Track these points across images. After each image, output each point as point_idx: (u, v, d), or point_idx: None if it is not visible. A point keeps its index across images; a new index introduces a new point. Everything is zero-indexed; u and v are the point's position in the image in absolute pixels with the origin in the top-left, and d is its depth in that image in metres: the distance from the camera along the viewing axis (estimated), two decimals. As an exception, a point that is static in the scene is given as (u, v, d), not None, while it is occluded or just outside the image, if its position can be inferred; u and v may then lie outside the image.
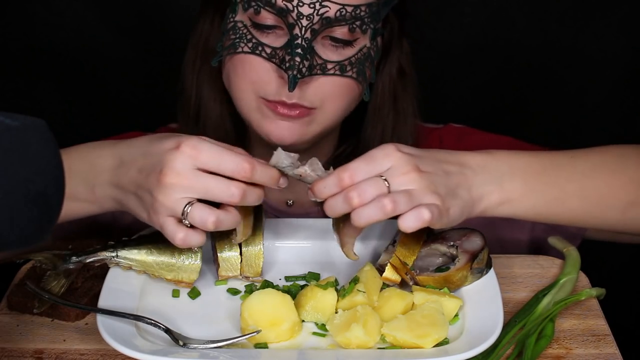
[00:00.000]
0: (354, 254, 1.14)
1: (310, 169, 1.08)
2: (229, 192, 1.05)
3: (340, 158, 1.37)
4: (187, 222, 1.05)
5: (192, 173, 1.04)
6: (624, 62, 1.97)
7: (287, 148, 1.26)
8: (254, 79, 1.23)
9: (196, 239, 1.07)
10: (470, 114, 1.96)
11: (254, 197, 1.08)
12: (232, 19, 1.24)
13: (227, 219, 1.07)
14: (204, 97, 1.34)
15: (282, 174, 1.09)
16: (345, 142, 1.41)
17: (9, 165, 0.72)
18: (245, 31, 1.23)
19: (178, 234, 1.06)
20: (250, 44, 1.22)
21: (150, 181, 1.06)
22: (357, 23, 1.21)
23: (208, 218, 1.05)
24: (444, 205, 1.06)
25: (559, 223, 1.20)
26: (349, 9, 1.20)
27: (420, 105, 1.38)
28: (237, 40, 1.23)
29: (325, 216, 1.37)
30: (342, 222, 1.11)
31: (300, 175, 1.08)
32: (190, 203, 1.04)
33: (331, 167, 1.08)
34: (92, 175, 1.12)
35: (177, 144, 1.05)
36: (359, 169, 1.05)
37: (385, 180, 1.05)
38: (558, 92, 2.03)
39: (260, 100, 1.25)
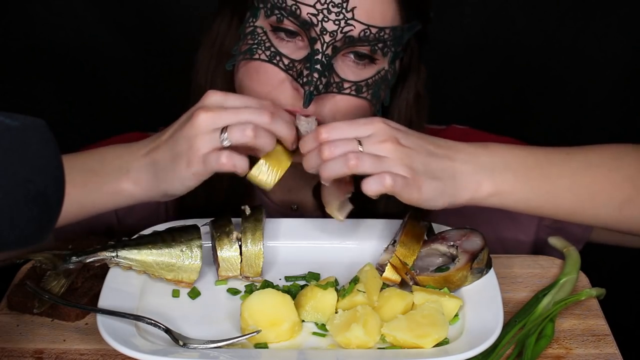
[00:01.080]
0: (339, 214, 1.16)
1: (308, 127, 1.13)
2: (261, 117, 1.09)
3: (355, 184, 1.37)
4: (227, 142, 1.08)
5: (221, 107, 1.09)
6: (624, 62, 1.97)
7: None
8: (268, 88, 1.21)
9: (240, 160, 1.08)
10: (471, 114, 1.96)
11: (281, 124, 1.11)
12: (252, 24, 1.21)
13: (264, 136, 1.09)
14: None
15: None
16: None
17: (9, 165, 0.72)
18: (264, 37, 1.20)
19: (222, 157, 1.07)
20: (268, 52, 1.19)
21: (183, 130, 1.09)
22: (380, 45, 1.19)
23: (246, 128, 1.07)
24: (414, 180, 1.08)
25: (551, 217, 1.21)
26: (374, 30, 1.17)
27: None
28: (255, 46, 1.20)
29: (326, 216, 1.38)
30: (323, 185, 1.13)
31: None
32: (225, 129, 1.08)
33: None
34: (126, 164, 1.14)
35: (203, 96, 1.11)
36: (338, 128, 1.09)
37: (360, 144, 1.07)
38: (558, 92, 2.03)
39: None
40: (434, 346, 1.06)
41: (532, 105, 2.05)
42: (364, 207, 1.19)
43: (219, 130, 1.08)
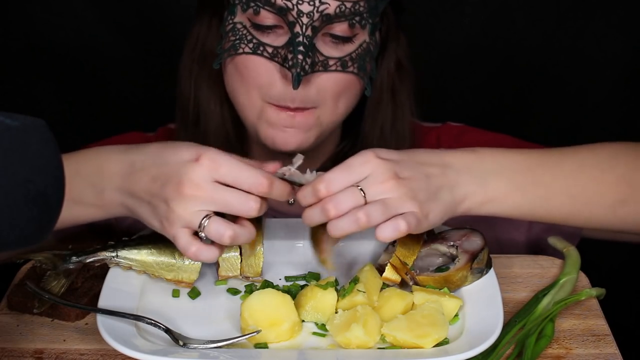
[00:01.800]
0: (332, 263, 1.15)
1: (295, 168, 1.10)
2: (248, 205, 1.05)
3: (340, 156, 1.38)
4: (203, 235, 1.05)
5: (211, 186, 1.04)
6: (624, 62, 1.97)
7: (290, 151, 1.26)
8: (257, 81, 1.23)
9: (208, 253, 1.07)
10: (470, 113, 1.96)
11: (264, 209, 1.08)
12: (231, 21, 1.23)
13: (244, 234, 1.07)
14: (203, 102, 1.33)
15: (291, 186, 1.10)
16: (345, 139, 1.41)
17: (9, 165, 0.72)
18: (245, 32, 1.22)
19: (191, 247, 1.06)
20: (251, 45, 1.22)
21: (166, 191, 1.05)
22: (357, 18, 1.21)
23: (225, 232, 1.05)
24: (422, 211, 1.07)
25: (546, 221, 1.20)
26: (348, 4, 1.20)
27: (418, 101, 1.38)
28: (238, 41, 1.22)
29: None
30: (320, 231, 1.12)
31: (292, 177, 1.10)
32: (207, 216, 1.04)
33: (314, 172, 1.09)
34: (100, 180, 1.12)
35: (197, 155, 1.05)
36: (335, 180, 1.06)
37: (362, 190, 1.06)
38: (558, 92, 2.03)
39: (264, 105, 1.24)
40: (434, 346, 1.06)
41: (532, 105, 2.05)
42: None
43: (200, 216, 1.04)
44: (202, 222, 1.04)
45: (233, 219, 1.08)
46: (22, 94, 2.03)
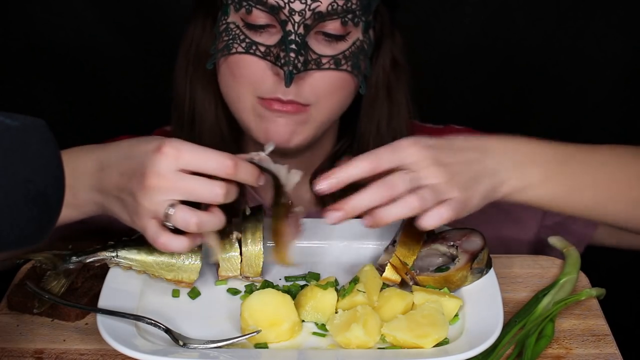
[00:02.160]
0: (290, 258, 1.16)
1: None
2: (213, 191, 1.04)
3: (337, 155, 1.38)
4: (170, 224, 1.05)
5: (175, 174, 1.04)
6: (624, 62, 1.97)
7: (288, 150, 1.27)
8: (250, 78, 1.23)
9: (178, 243, 1.06)
10: (470, 114, 1.96)
11: (233, 195, 1.07)
12: (224, 21, 1.24)
13: (211, 221, 1.06)
14: (198, 102, 1.33)
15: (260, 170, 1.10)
16: (342, 138, 1.41)
17: (9, 165, 0.72)
18: (238, 32, 1.23)
19: (160, 238, 1.05)
20: (243, 44, 1.22)
21: (132, 184, 1.05)
22: (349, 16, 1.21)
23: (190, 219, 1.04)
24: (465, 196, 1.07)
25: (570, 213, 1.20)
26: (340, 2, 1.20)
27: (417, 101, 1.38)
28: (231, 41, 1.23)
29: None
30: (281, 225, 1.13)
31: (271, 170, 1.10)
32: (172, 205, 1.04)
33: (299, 171, 1.11)
34: (74, 180, 1.11)
35: (159, 146, 1.05)
36: (382, 157, 1.06)
37: (410, 174, 1.06)
38: (558, 92, 2.03)
39: (256, 100, 1.25)
40: (434, 346, 1.06)
41: (532, 105, 2.05)
42: None
43: (165, 205, 1.04)
44: (167, 211, 1.04)
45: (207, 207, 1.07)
46: (22, 94, 2.03)
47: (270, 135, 1.25)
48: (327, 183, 1.06)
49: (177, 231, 1.07)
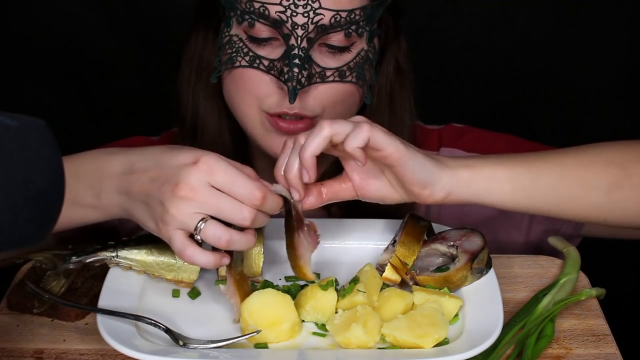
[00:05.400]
0: (310, 272, 1.15)
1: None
2: (242, 214, 1.05)
3: (340, 163, 1.37)
4: (198, 237, 1.05)
5: (207, 190, 1.04)
6: (624, 62, 1.98)
7: None
8: (254, 92, 1.22)
9: (204, 258, 1.06)
10: (470, 113, 1.96)
11: (261, 222, 1.08)
12: (227, 33, 1.23)
13: (241, 240, 1.06)
14: (200, 112, 1.33)
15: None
16: None
17: (9, 165, 0.72)
18: (241, 45, 1.21)
19: (187, 249, 1.05)
20: (247, 57, 1.21)
21: (163, 192, 1.05)
22: (353, 27, 1.20)
23: (222, 236, 1.04)
24: (392, 138, 1.05)
25: (542, 208, 1.15)
26: (344, 14, 1.18)
27: (417, 103, 1.38)
28: (234, 54, 1.22)
29: (326, 216, 1.38)
30: (296, 239, 1.13)
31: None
32: (204, 219, 1.04)
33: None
34: (99, 181, 1.11)
35: (195, 159, 1.05)
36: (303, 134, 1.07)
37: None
38: (558, 92, 2.03)
39: (263, 115, 1.23)
40: (434, 346, 1.06)
41: (532, 105, 2.05)
42: (363, 206, 1.19)
43: (196, 218, 1.04)
44: (199, 225, 1.04)
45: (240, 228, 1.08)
46: (22, 94, 2.03)
47: (279, 150, 1.24)
48: (307, 174, 1.07)
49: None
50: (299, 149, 1.06)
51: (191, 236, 1.06)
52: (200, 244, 1.06)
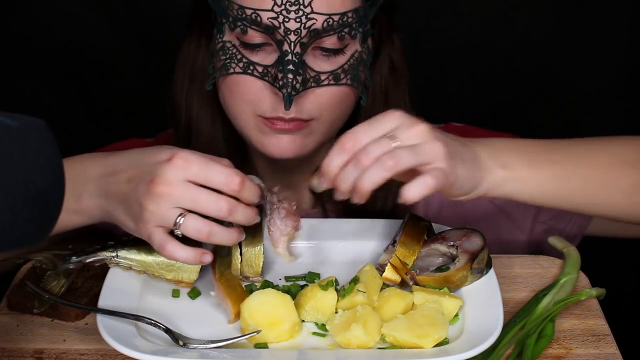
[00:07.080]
0: (288, 252, 1.15)
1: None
2: (218, 205, 1.05)
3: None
4: (179, 232, 1.05)
5: (182, 184, 1.04)
6: (624, 62, 1.98)
7: (289, 159, 1.26)
8: (249, 98, 1.22)
9: (185, 253, 1.06)
10: (470, 113, 1.96)
11: (242, 216, 1.07)
12: (220, 39, 1.22)
13: (222, 233, 1.07)
14: (194, 117, 1.33)
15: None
16: None
17: (9, 165, 0.72)
18: (234, 51, 1.21)
19: (167, 245, 1.05)
20: (241, 64, 1.20)
21: (139, 190, 1.05)
22: (346, 30, 1.19)
23: (202, 228, 1.05)
24: (451, 163, 1.01)
25: (565, 206, 1.16)
26: (336, 17, 1.18)
27: (416, 101, 1.37)
28: (228, 61, 1.21)
29: (325, 216, 1.38)
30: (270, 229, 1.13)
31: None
32: (182, 214, 1.04)
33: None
34: (79, 185, 1.11)
35: (170, 155, 1.05)
36: (360, 131, 1.02)
37: (391, 138, 1.00)
38: (558, 92, 2.03)
39: (258, 119, 1.23)
40: (434, 346, 1.06)
41: (532, 105, 2.05)
42: (363, 206, 1.19)
43: (175, 213, 1.04)
44: (177, 220, 1.04)
45: (231, 225, 1.08)
46: (22, 94, 2.03)
47: (276, 152, 1.25)
48: (325, 181, 1.04)
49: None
50: (359, 165, 1.00)
51: (172, 233, 1.06)
52: (182, 240, 1.06)
